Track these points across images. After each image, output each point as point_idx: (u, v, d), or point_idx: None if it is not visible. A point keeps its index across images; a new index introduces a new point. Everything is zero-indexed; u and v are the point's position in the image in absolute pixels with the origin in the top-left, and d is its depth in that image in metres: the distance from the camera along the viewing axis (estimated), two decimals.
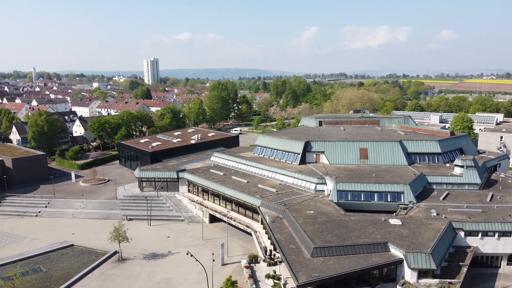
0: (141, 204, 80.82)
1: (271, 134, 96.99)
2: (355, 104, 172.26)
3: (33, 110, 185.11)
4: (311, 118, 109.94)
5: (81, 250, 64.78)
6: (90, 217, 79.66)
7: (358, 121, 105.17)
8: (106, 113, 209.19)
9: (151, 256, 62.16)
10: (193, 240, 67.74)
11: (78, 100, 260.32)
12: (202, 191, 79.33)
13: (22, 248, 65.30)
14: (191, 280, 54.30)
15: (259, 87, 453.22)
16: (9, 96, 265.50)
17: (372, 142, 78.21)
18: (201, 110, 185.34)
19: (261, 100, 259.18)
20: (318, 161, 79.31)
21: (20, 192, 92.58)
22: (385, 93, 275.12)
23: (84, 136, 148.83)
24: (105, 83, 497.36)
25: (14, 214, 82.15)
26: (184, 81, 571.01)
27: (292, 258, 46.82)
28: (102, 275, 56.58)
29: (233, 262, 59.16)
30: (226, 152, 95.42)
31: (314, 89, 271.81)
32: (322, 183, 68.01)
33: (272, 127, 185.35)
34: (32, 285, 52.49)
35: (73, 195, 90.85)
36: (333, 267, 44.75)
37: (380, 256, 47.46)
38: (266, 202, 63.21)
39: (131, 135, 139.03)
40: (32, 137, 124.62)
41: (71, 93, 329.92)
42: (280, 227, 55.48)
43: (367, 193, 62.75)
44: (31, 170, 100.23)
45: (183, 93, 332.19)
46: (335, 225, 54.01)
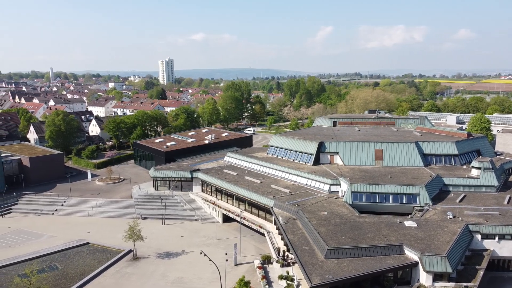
0: (156, 203, 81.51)
1: (285, 134, 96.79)
2: (370, 104, 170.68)
3: (50, 110, 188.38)
4: (325, 119, 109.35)
5: (97, 248, 65.62)
6: (105, 215, 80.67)
7: (373, 121, 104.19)
8: (122, 113, 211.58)
9: (165, 255, 62.62)
10: (206, 240, 68.02)
11: (94, 100, 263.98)
12: (215, 191, 79.61)
13: (38, 246, 66.49)
14: (205, 280, 54.51)
15: (272, 87, 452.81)
16: (27, 96, 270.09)
17: (387, 143, 77.35)
18: (215, 110, 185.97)
19: (274, 100, 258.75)
20: (332, 162, 78.80)
21: (37, 190, 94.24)
22: (400, 93, 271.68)
23: (100, 136, 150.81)
24: (120, 83, 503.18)
25: (31, 212, 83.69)
26: (199, 81, 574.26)
27: (305, 259, 46.61)
28: (117, 273, 57.22)
29: (246, 262, 59.18)
30: (240, 152, 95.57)
31: (329, 89, 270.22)
32: (336, 184, 67.52)
33: (286, 127, 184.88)
34: (48, 282, 53.31)
35: (89, 194, 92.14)
36: (347, 269, 44.38)
37: (395, 258, 46.90)
38: (279, 203, 63.07)
39: (146, 135, 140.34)
40: (49, 136, 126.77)
41: (88, 93, 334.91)
42: (293, 228, 55.29)
43: (382, 194, 62.09)
44: (48, 169, 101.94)
45: (197, 93, 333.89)
46: (349, 226, 53.58)
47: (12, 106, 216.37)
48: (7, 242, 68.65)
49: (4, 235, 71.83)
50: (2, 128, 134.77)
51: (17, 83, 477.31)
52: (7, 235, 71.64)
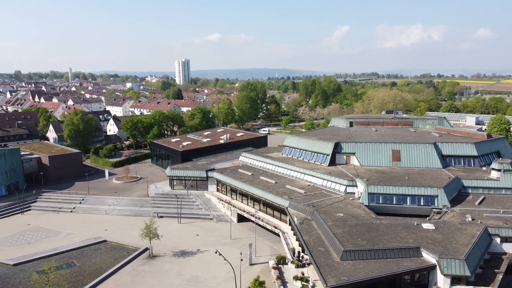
0: (172, 202, 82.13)
1: (300, 134, 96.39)
2: (388, 104, 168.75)
3: (69, 109, 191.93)
4: (341, 119, 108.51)
5: (113, 246, 66.45)
6: (122, 214, 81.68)
7: (391, 122, 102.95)
8: (139, 113, 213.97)
9: (180, 253, 63.04)
10: (221, 239, 68.21)
11: (112, 100, 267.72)
12: (230, 190, 79.77)
13: (56, 243, 67.63)
14: (220, 279, 54.65)
15: (288, 87, 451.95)
16: (46, 96, 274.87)
17: (405, 144, 76.30)
18: (230, 110, 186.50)
19: (290, 100, 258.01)
20: (348, 162, 78.10)
21: (56, 188, 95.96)
22: (418, 93, 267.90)
23: (118, 135, 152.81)
24: (138, 84, 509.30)
25: (50, 209, 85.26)
26: (214, 82, 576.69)
27: (320, 260, 46.28)
28: (133, 270, 57.84)
29: (261, 263, 59.11)
30: (255, 152, 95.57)
31: (345, 89, 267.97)
32: (353, 185, 66.87)
33: (301, 127, 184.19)
34: (65, 279, 54.14)
35: (107, 192, 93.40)
36: (363, 271, 43.91)
37: (412, 261, 46.19)
38: (295, 203, 62.79)
39: (163, 135, 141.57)
40: (68, 135, 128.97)
41: (105, 93, 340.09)
42: (308, 229, 54.98)
43: (399, 196, 61.26)
44: (66, 167, 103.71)
45: (213, 94, 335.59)
46: (365, 228, 53.00)
47: (32, 105, 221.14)
48: (26, 239, 70.07)
49: (23, 232, 73.33)
50: (22, 127, 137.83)
51: (37, 83, 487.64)
52: (26, 232, 73.11)
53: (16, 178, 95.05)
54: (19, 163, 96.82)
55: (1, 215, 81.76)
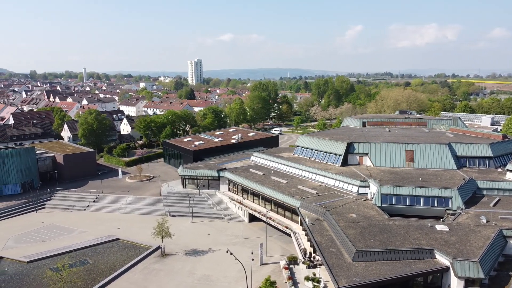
0: (184, 201, 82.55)
1: (312, 134, 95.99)
2: (401, 104, 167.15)
3: (83, 109, 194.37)
4: (354, 119, 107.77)
5: (126, 244, 67.05)
6: (135, 212, 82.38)
7: (404, 122, 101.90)
8: (152, 113, 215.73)
9: (192, 252, 63.31)
10: (232, 239, 68.30)
11: (125, 100, 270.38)
12: (242, 190, 79.83)
13: (70, 241, 68.50)
14: (231, 278, 54.73)
15: (300, 87, 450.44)
16: (61, 95, 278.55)
17: (419, 145, 75.43)
18: (242, 110, 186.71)
19: (302, 100, 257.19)
20: (361, 163, 77.50)
21: (70, 187, 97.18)
22: (433, 93, 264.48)
23: (131, 134, 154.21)
24: (151, 84, 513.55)
25: (64, 207, 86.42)
26: (226, 82, 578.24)
27: (332, 261, 46.00)
28: (145, 269, 58.28)
29: (272, 263, 59.01)
30: (266, 152, 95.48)
31: (358, 89, 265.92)
32: (365, 186, 66.31)
33: (313, 127, 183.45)
34: (79, 276, 54.66)
35: (120, 190, 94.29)
36: (375, 272, 43.51)
37: (425, 263, 45.62)
38: (306, 204, 62.54)
39: (175, 134, 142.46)
40: (82, 134, 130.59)
41: (119, 92, 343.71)
42: (320, 230, 54.71)
43: (412, 197, 60.58)
44: (80, 166, 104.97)
45: (225, 94, 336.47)
46: (378, 229, 52.52)
47: (47, 105, 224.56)
48: (40, 237, 71.12)
49: (38, 229, 74.42)
50: (37, 126, 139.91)
51: (52, 83, 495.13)
52: (41, 230, 74.20)
53: (31, 177, 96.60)
54: (34, 162, 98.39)
55: (16, 213, 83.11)
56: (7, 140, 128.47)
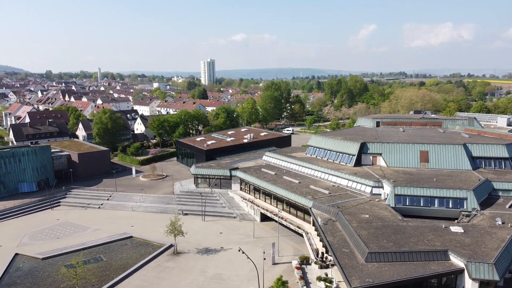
0: (196, 200, 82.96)
1: (325, 134, 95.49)
2: (416, 104, 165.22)
3: (98, 108, 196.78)
4: (367, 119, 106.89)
5: (139, 242, 67.65)
6: (148, 210, 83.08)
7: (419, 122, 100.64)
8: (165, 112, 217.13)
9: (204, 251, 63.59)
10: (244, 238, 68.38)
11: (139, 99, 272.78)
12: (253, 189, 79.86)
13: (84, 238, 69.40)
14: (242, 277, 54.81)
15: (313, 86, 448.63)
16: (76, 95, 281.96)
17: (433, 145, 74.44)
18: (254, 110, 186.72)
19: (314, 99, 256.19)
20: (374, 163, 76.83)
21: (85, 185, 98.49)
22: (448, 93, 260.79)
23: (145, 134, 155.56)
24: (164, 84, 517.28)
25: (79, 205, 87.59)
26: (239, 82, 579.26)
27: (345, 262, 45.70)
28: (158, 266, 58.73)
29: (283, 262, 58.92)
30: (278, 151, 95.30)
31: (372, 89, 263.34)
32: (379, 187, 65.67)
33: (326, 127, 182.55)
34: (92, 273, 55.33)
35: (133, 189, 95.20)
36: (388, 273, 43.08)
37: (439, 264, 45.00)
38: (318, 204, 62.24)
39: (188, 134, 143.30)
40: (97, 133, 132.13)
41: (133, 92, 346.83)
42: (332, 230, 54.41)
43: (427, 198, 59.80)
44: (95, 165, 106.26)
45: (237, 93, 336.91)
46: (391, 230, 52.01)
47: (62, 104, 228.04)
48: (55, 234, 72.19)
49: (53, 227, 75.57)
50: (53, 125, 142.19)
51: (67, 83, 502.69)
52: (56, 227, 75.33)
53: (46, 175, 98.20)
54: (49, 160, 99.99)
55: (32, 210, 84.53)
56: (23, 139, 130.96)
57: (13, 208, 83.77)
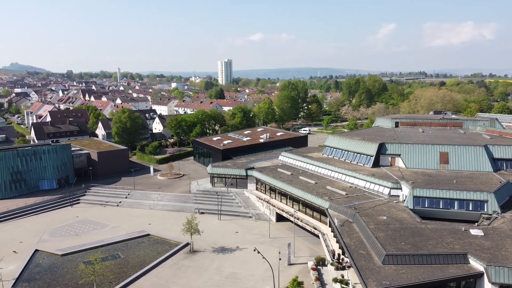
0: (212, 199, 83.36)
1: (342, 134, 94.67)
2: (436, 104, 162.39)
3: (117, 108, 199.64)
4: (386, 119, 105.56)
5: (156, 240, 68.36)
6: (165, 209, 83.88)
7: (439, 123, 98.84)
8: (183, 112, 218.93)
9: (220, 249, 63.82)
10: (260, 237, 68.34)
11: (158, 99, 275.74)
12: (269, 189, 79.73)
13: (103, 235, 70.42)
14: (257, 277, 54.78)
15: (330, 86, 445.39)
16: (96, 94, 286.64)
17: (453, 146, 72.98)
18: (270, 109, 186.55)
19: (332, 99, 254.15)
20: (393, 164, 75.78)
21: (104, 183, 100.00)
22: (469, 93, 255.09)
23: (163, 133, 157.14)
24: (182, 84, 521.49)
25: (98, 203, 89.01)
26: (255, 81, 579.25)
27: (361, 264, 45.21)
28: (174, 264, 59.21)
29: (299, 263, 58.65)
30: (294, 152, 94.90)
31: (391, 88, 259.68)
32: (397, 188, 64.70)
33: (343, 127, 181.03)
34: (110, 270, 56.10)
35: (151, 187, 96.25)
36: (405, 276, 42.42)
37: (458, 268, 44.07)
38: (335, 205, 61.72)
39: (205, 133, 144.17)
40: (116, 132, 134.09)
41: (152, 92, 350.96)
42: (349, 231, 53.88)
43: (446, 200, 58.63)
44: (114, 163, 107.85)
45: (254, 93, 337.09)
46: (409, 232, 51.19)
47: (82, 103, 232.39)
48: (74, 231, 73.49)
49: (72, 224, 76.96)
50: (73, 124, 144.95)
51: (87, 82, 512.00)
52: (75, 224, 76.68)
53: (66, 172, 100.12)
54: (69, 158, 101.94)
55: (52, 207, 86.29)
56: (44, 137, 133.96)
57: (33, 205, 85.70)
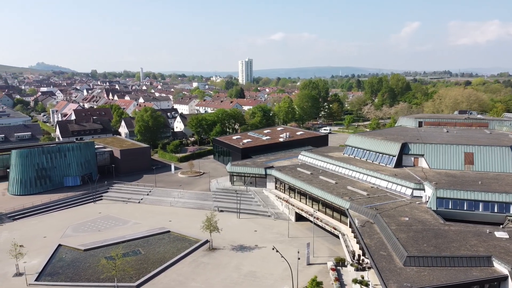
0: (232, 197, 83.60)
1: (364, 134, 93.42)
2: (461, 104, 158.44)
3: (139, 107, 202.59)
4: (409, 118, 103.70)
5: (176, 237, 68.99)
6: (185, 206, 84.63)
7: (464, 123, 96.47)
8: (204, 111, 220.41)
9: (239, 248, 63.91)
10: (279, 237, 68.09)
11: (179, 99, 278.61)
12: (288, 189, 79.34)
13: (124, 231, 71.53)
14: (276, 276, 54.58)
15: (352, 85, 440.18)
16: (120, 94, 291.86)
17: (479, 147, 71.03)
18: (290, 108, 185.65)
19: (354, 98, 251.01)
20: (416, 164, 74.28)
21: (126, 180, 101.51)
22: (495, 93, 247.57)
23: (184, 132, 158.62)
24: (203, 83, 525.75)
25: (120, 200, 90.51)
26: (276, 81, 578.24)
27: (382, 265, 44.46)
28: (193, 261, 59.62)
29: (318, 263, 58.15)
30: (314, 151, 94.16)
31: (414, 88, 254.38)
32: (420, 189, 63.38)
33: (365, 127, 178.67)
34: (131, 265, 57.00)
35: (172, 185, 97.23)
36: (427, 278, 41.48)
37: (482, 271, 42.82)
38: (356, 205, 60.91)
39: (225, 132, 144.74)
40: (138, 131, 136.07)
41: (173, 92, 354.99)
42: (370, 232, 53.09)
43: (470, 202, 57.09)
44: (136, 161, 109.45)
45: (274, 92, 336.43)
46: (432, 234, 50.06)
47: (106, 102, 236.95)
48: (97, 227, 74.89)
49: (95, 220, 78.44)
50: (97, 122, 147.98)
51: (111, 82, 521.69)
52: (97, 220, 78.15)
53: (90, 169, 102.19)
54: (93, 156, 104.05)
55: (76, 203, 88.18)
56: (68, 135, 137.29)
57: (58, 201, 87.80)
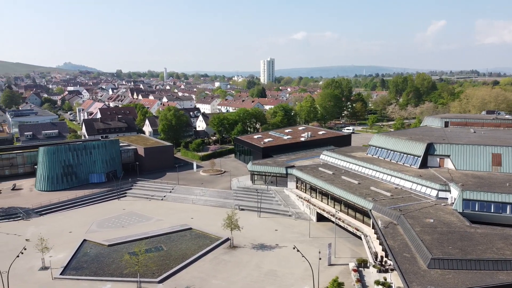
0: (252, 196, 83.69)
1: (388, 134, 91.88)
2: (489, 104, 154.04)
3: (163, 106, 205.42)
4: (435, 118, 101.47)
5: (198, 234, 69.59)
6: (207, 204, 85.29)
7: (492, 123, 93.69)
8: (225, 110, 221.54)
9: (259, 246, 63.92)
10: (299, 236, 67.72)
11: (201, 98, 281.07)
12: (310, 188, 78.76)
13: (147, 228, 72.64)
14: (297, 276, 54.31)
15: (376, 84, 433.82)
16: (144, 93, 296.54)
17: (507, 147, 68.80)
18: (312, 108, 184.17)
19: (378, 98, 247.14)
20: (441, 165, 72.56)
21: (149, 177, 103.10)
22: None
23: (206, 131, 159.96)
24: (225, 83, 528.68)
25: (143, 197, 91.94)
26: (297, 80, 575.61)
27: (405, 267, 43.62)
28: (214, 259, 59.99)
29: (340, 264, 57.51)
30: (337, 151, 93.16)
31: (440, 87, 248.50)
32: (446, 190, 61.88)
33: (389, 127, 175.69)
34: (153, 261, 57.76)
35: (194, 183, 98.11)
36: (452, 281, 40.46)
37: (509, 274, 41.47)
38: (379, 206, 59.94)
39: (246, 131, 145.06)
40: (162, 129, 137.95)
41: (196, 91, 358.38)
42: (393, 234, 52.17)
43: (498, 204, 55.37)
44: (159, 159, 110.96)
45: (296, 92, 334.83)
46: (457, 236, 48.80)
47: (131, 101, 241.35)
48: (120, 223, 76.27)
49: (119, 216, 79.94)
50: (121, 120, 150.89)
51: (135, 82, 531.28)
52: (121, 216, 79.61)
53: (115, 167, 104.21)
54: (118, 153, 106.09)
55: (101, 199, 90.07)
56: (94, 133, 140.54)
57: (83, 197, 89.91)
